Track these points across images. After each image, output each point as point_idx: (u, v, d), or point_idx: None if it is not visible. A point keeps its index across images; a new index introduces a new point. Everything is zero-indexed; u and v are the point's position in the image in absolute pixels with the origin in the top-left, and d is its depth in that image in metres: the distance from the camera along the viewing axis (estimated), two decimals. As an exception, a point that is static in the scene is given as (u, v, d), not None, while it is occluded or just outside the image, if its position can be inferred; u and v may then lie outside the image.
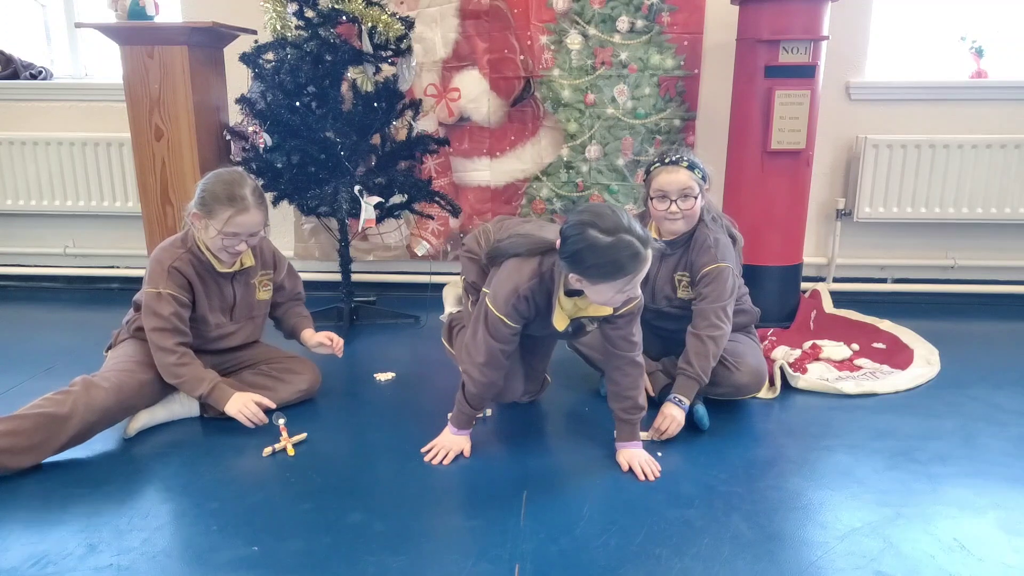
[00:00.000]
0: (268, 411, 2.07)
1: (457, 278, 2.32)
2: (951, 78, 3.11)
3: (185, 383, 2.03)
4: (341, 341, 2.26)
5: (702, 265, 2.06)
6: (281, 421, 2.02)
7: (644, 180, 2.16)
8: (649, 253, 1.61)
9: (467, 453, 1.92)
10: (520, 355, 2.01)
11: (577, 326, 1.85)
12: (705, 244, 2.07)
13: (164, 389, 2.09)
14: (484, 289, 1.87)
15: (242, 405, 2.02)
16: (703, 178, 2.07)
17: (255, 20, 2.79)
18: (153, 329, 2.01)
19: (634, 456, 1.84)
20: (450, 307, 2.41)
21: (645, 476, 1.80)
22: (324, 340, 2.24)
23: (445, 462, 1.89)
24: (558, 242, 1.68)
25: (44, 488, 1.76)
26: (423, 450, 1.93)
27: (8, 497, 1.72)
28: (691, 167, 2.05)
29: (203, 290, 2.08)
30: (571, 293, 1.77)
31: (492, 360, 1.84)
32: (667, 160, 2.07)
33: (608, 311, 1.78)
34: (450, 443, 1.92)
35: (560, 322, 1.80)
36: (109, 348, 2.19)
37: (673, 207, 2.04)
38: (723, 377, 2.10)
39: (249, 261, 2.13)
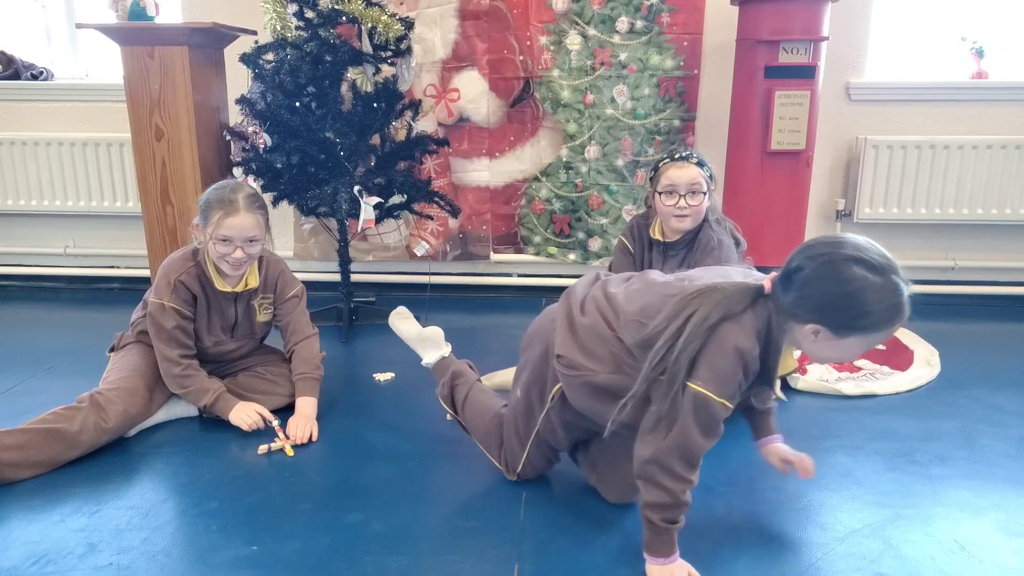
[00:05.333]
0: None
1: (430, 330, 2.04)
2: (951, 79, 3.11)
3: (190, 393, 2.05)
4: (300, 439, 1.99)
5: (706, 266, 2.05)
6: (275, 423, 2.03)
7: (650, 177, 2.16)
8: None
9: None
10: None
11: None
12: (709, 246, 2.07)
13: (168, 396, 2.11)
14: (689, 384, 1.34)
15: (245, 415, 2.04)
16: (710, 177, 2.07)
17: (255, 21, 2.79)
18: (157, 340, 2.04)
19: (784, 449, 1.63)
20: (430, 357, 2.05)
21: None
22: (294, 433, 2.00)
23: None
24: (768, 283, 1.35)
25: (44, 487, 1.76)
26: None
27: (8, 496, 1.72)
28: (700, 164, 2.06)
29: (205, 307, 2.08)
30: None
31: (698, 462, 1.40)
32: (677, 156, 2.09)
33: (793, 367, 1.48)
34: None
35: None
36: (112, 349, 2.19)
37: (682, 202, 2.04)
38: (723, 378, 2.09)
39: (254, 282, 2.11)
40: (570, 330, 1.54)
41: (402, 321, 2.17)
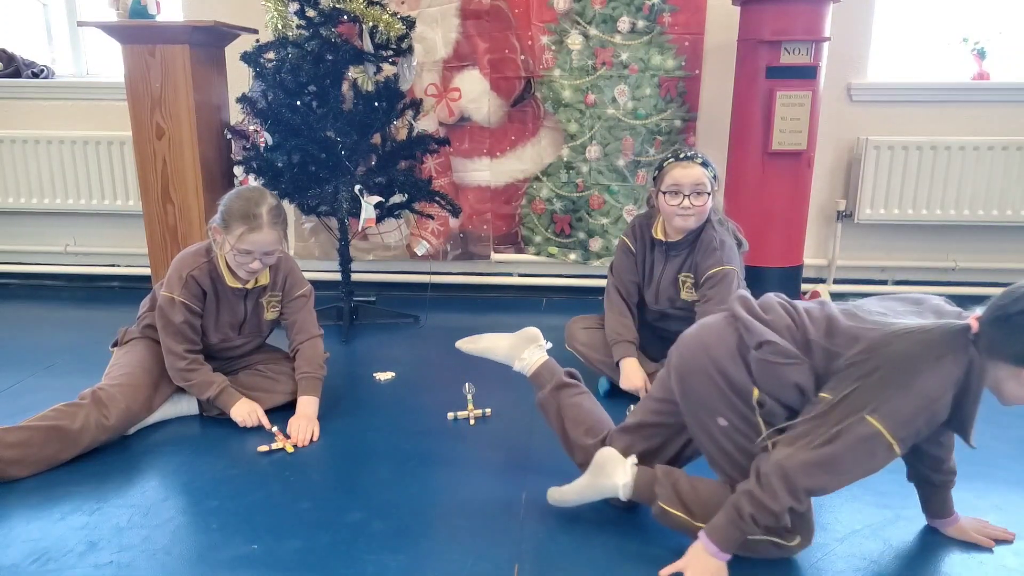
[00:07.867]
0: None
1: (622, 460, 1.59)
2: (953, 80, 3.11)
3: (194, 386, 2.06)
4: (302, 441, 1.99)
5: (707, 267, 2.06)
6: (273, 429, 2.02)
7: (654, 177, 2.15)
8: None
9: None
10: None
11: None
12: (711, 246, 2.07)
13: (171, 393, 2.11)
14: (865, 416, 1.27)
15: (245, 413, 2.04)
16: (714, 177, 2.08)
17: (256, 19, 2.79)
18: (164, 334, 2.04)
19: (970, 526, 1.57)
20: (626, 475, 1.58)
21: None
22: (296, 434, 1.99)
23: None
24: (974, 322, 1.32)
25: (45, 485, 1.76)
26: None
27: (9, 494, 1.72)
28: (704, 164, 2.06)
29: (214, 304, 2.08)
30: None
31: (819, 495, 1.37)
32: (681, 155, 2.09)
33: None
34: (705, 571, 1.39)
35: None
36: (115, 344, 2.19)
37: (686, 202, 2.04)
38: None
39: (264, 279, 2.12)
40: (763, 324, 1.42)
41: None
